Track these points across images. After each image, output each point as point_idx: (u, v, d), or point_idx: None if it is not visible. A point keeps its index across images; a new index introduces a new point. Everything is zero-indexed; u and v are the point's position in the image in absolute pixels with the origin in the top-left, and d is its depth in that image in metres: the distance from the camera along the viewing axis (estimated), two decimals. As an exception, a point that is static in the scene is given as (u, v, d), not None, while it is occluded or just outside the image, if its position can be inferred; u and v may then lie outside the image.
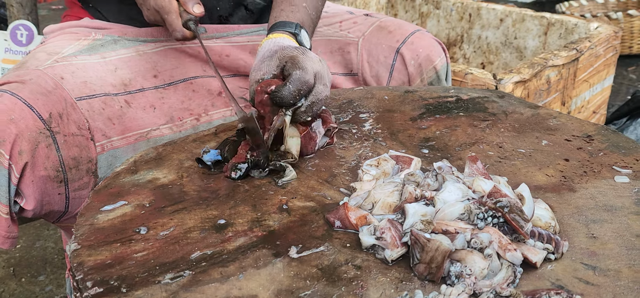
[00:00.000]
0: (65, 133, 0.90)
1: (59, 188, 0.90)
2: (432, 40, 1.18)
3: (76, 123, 0.91)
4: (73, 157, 0.90)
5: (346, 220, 0.68)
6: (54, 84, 0.91)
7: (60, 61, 0.96)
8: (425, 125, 0.97)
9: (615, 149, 0.86)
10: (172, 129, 1.03)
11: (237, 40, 1.13)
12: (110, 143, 0.96)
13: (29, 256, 1.66)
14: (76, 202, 0.93)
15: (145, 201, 0.75)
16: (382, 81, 1.17)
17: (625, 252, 0.64)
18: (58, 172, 0.89)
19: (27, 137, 0.85)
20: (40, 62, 0.95)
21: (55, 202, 0.91)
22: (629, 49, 3.33)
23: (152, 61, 1.05)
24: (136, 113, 0.99)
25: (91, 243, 0.67)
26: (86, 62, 0.98)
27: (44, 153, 0.87)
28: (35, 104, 0.87)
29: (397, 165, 0.78)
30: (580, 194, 0.75)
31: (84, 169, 0.92)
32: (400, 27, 1.20)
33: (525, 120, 0.97)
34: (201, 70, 1.09)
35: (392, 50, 1.16)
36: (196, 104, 1.06)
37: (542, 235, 0.62)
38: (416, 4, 2.36)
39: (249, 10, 1.17)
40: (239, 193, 0.77)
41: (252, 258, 0.64)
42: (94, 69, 0.98)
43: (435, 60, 1.16)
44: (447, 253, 0.58)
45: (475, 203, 0.64)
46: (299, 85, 0.81)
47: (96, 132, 0.94)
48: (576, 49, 1.61)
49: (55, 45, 1.01)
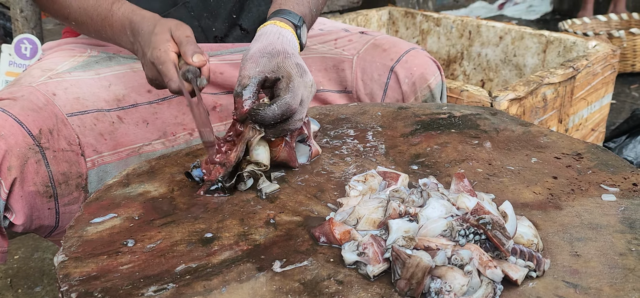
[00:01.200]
0: (55, 149, 0.91)
1: (49, 203, 0.91)
2: (426, 58, 1.19)
3: (66, 139, 0.93)
4: (62, 172, 0.92)
5: (331, 235, 0.68)
6: (45, 100, 0.93)
7: (53, 77, 0.98)
8: (417, 141, 0.97)
9: (604, 168, 0.86)
10: (165, 144, 1.04)
11: (231, 58, 1.15)
12: (101, 158, 0.97)
13: (26, 267, 1.67)
14: (66, 216, 0.94)
15: (135, 214, 0.76)
16: (376, 99, 1.18)
17: (608, 270, 0.64)
18: (47, 188, 0.90)
19: (16, 152, 0.86)
20: (33, 79, 0.96)
21: (45, 217, 0.92)
22: (632, 67, 3.33)
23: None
24: (128, 128, 1.00)
25: (78, 255, 0.68)
26: (80, 78, 1.00)
27: (33, 169, 0.88)
28: (25, 120, 0.89)
29: (384, 181, 0.79)
30: (566, 212, 0.75)
31: (73, 184, 0.93)
32: (394, 45, 1.20)
33: (516, 138, 0.98)
34: None
35: (386, 68, 1.17)
36: (190, 119, 1.07)
37: (523, 252, 0.63)
38: (417, 21, 2.38)
39: (243, 30, 1.19)
40: (228, 207, 0.78)
41: (235, 272, 0.64)
42: (88, 85, 1.00)
43: (429, 78, 1.16)
44: (427, 270, 0.58)
45: (457, 220, 0.64)
46: (284, 110, 0.80)
47: (87, 148, 0.95)
48: (573, 67, 1.62)
49: (51, 61, 1.03)
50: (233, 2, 1.16)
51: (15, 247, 1.75)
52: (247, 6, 1.18)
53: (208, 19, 1.15)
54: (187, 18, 1.12)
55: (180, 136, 1.06)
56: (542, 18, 4.96)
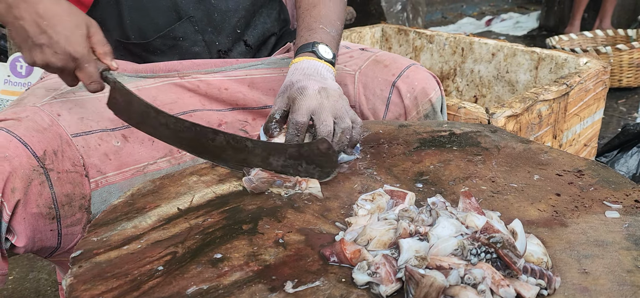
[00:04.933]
0: (59, 170, 0.90)
1: (51, 224, 0.90)
2: (427, 73, 1.21)
3: (71, 160, 0.92)
4: (66, 193, 0.91)
5: (342, 255, 0.68)
6: (50, 120, 0.92)
7: (58, 98, 0.97)
8: (419, 159, 0.98)
9: (605, 184, 0.88)
10: (171, 162, 1.04)
11: (236, 74, 1.15)
12: (105, 179, 0.96)
13: (22, 288, 1.65)
14: (68, 238, 0.93)
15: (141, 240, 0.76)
16: (378, 114, 1.19)
17: (617, 287, 0.64)
18: (50, 209, 0.89)
19: (20, 174, 0.85)
20: (38, 99, 0.96)
21: (47, 239, 0.91)
22: (619, 83, 3.39)
23: (151, 95, 1.06)
24: (133, 147, 1.00)
25: (87, 278, 0.67)
26: (84, 98, 0.99)
27: (37, 191, 0.87)
28: (30, 141, 0.88)
29: (392, 199, 0.79)
30: (571, 229, 0.76)
31: (77, 206, 0.92)
32: (395, 61, 1.22)
33: (517, 155, 0.99)
34: (200, 104, 1.10)
35: (388, 83, 1.18)
36: None
37: (534, 270, 0.63)
38: (410, 38, 2.40)
39: (248, 45, 1.19)
40: (235, 227, 0.78)
41: (247, 293, 0.64)
42: (92, 104, 0.99)
43: (430, 93, 1.18)
44: (441, 290, 0.59)
45: (468, 239, 0.65)
46: (294, 129, 0.91)
47: (91, 169, 0.94)
48: (566, 84, 1.64)
49: (55, 80, 1.02)
50: (238, 18, 1.16)
51: (10, 267, 1.72)
52: (253, 22, 1.19)
53: (212, 34, 1.15)
54: (192, 33, 1.12)
55: (186, 154, 1.05)
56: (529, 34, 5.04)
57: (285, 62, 1.22)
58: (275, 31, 1.25)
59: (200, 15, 1.13)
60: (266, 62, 1.21)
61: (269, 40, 1.25)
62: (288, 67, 1.10)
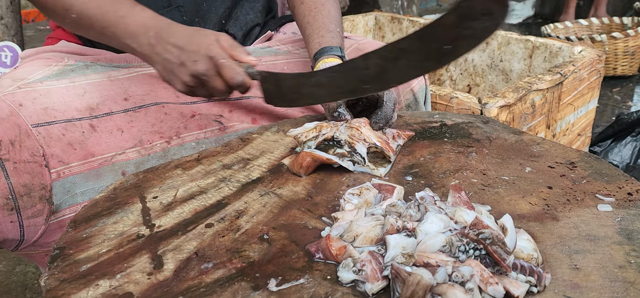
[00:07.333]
0: (16, 160, 0.88)
1: (11, 216, 0.88)
2: None
3: (29, 150, 0.89)
4: (24, 184, 0.88)
5: (327, 251, 0.66)
6: (9, 111, 0.90)
7: (23, 87, 0.94)
8: (410, 151, 0.96)
9: (598, 177, 0.86)
10: (140, 152, 1.01)
11: None
12: (68, 169, 0.93)
13: (8, 281, 1.62)
14: (31, 229, 0.91)
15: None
16: None
17: (608, 283, 0.63)
18: (7, 200, 0.87)
19: None
20: (2, 89, 0.93)
21: (8, 231, 0.89)
22: (614, 71, 3.38)
23: (123, 86, 1.04)
24: (101, 137, 0.97)
25: (65, 276, 0.65)
26: (51, 88, 0.97)
27: None
28: None
29: (380, 193, 0.77)
30: (563, 223, 0.75)
31: (36, 196, 0.90)
32: None
33: (509, 147, 0.97)
34: (174, 96, 1.08)
35: None
36: (168, 127, 1.05)
37: (524, 267, 0.62)
38: (403, 27, 2.37)
39: (231, 34, 1.20)
40: (219, 222, 0.76)
41: (230, 292, 0.62)
42: (59, 94, 0.96)
43: (412, 82, 1.17)
44: (428, 288, 0.57)
45: (457, 235, 0.63)
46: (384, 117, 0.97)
47: (51, 159, 0.92)
48: (560, 73, 1.62)
49: (24, 70, 1.00)
50: (223, 9, 1.17)
51: (-4, 260, 1.70)
52: (234, 14, 1.21)
53: (199, 24, 1.15)
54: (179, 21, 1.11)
55: (157, 144, 1.03)
56: (524, 22, 5.02)
57: (264, 51, 1.22)
58: (259, 22, 1.25)
59: (189, 5, 1.14)
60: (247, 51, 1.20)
61: (253, 30, 1.26)
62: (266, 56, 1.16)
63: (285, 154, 0.96)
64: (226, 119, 1.11)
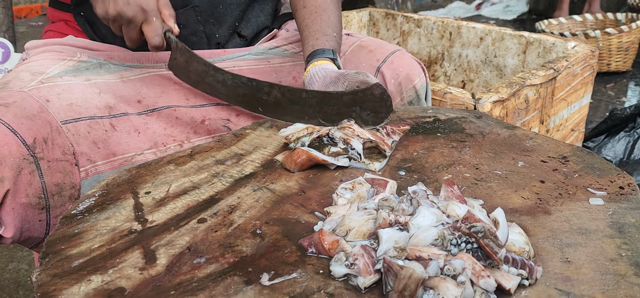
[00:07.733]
0: (49, 159, 0.86)
1: (40, 215, 0.87)
2: (411, 60, 1.19)
3: (61, 148, 0.88)
4: (56, 183, 0.87)
5: (320, 246, 0.67)
6: (39, 107, 0.88)
7: (45, 82, 0.93)
8: (403, 146, 0.96)
9: (590, 171, 0.86)
10: (156, 154, 1.01)
11: (224, 65, 1.14)
12: (94, 168, 0.93)
13: (1, 278, 1.62)
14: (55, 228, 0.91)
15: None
16: None
17: (599, 276, 0.63)
18: (40, 199, 0.86)
19: (9, 163, 0.81)
20: (24, 83, 0.92)
21: (35, 229, 0.88)
22: (607, 66, 3.39)
23: (135, 88, 1.03)
24: (121, 137, 0.97)
25: (57, 272, 0.65)
26: (72, 83, 0.96)
27: (27, 180, 0.84)
28: (19, 128, 0.84)
29: (373, 188, 0.77)
30: (555, 217, 0.75)
31: (66, 195, 0.89)
32: (380, 47, 1.21)
33: (502, 141, 0.97)
34: (184, 100, 1.08)
35: (372, 68, 1.17)
36: (179, 131, 1.05)
37: (516, 260, 0.62)
38: (397, 23, 2.37)
39: (242, 37, 1.21)
40: (211, 217, 0.76)
41: (222, 286, 0.62)
42: (80, 90, 0.96)
43: (414, 79, 1.17)
44: (420, 281, 0.57)
45: (449, 228, 0.63)
46: None
47: (81, 157, 0.91)
48: (553, 69, 1.63)
49: (40, 64, 0.98)
50: (238, 11, 1.19)
51: (-12, 257, 1.69)
52: (246, 17, 1.22)
53: (213, 25, 1.16)
54: (194, 22, 1.12)
55: (170, 147, 1.03)
56: (518, 18, 5.03)
57: (273, 52, 1.22)
58: (268, 24, 1.28)
59: (204, 5, 1.14)
60: (253, 51, 1.21)
61: (262, 32, 1.27)
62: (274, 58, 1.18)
63: (279, 150, 0.95)
64: (233, 124, 1.11)
